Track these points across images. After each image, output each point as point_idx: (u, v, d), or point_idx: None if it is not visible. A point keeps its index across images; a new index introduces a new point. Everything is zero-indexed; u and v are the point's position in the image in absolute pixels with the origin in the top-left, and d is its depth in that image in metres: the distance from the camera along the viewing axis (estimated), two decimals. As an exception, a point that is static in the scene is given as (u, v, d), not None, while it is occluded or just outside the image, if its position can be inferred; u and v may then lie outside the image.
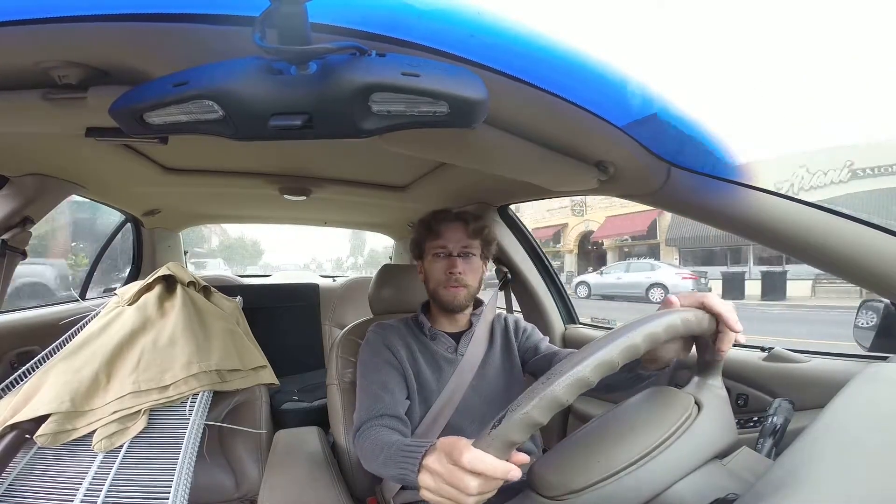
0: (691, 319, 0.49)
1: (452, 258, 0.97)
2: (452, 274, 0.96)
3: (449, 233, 0.99)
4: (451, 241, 0.98)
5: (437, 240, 0.99)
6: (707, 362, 0.55)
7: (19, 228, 1.10)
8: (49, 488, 0.85)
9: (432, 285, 1.00)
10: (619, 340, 0.44)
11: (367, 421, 0.86)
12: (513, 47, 0.53)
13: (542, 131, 0.71)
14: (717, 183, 0.75)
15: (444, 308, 1.00)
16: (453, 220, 1.01)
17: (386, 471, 0.71)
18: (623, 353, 0.44)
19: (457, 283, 0.97)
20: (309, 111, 0.45)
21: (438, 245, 0.98)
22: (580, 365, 0.43)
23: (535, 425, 0.43)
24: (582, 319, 1.57)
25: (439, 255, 0.98)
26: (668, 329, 0.47)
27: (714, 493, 0.44)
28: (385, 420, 0.85)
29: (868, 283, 0.71)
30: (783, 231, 0.73)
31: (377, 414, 0.86)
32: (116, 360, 1.08)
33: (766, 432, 0.57)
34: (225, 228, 9.54)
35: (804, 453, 0.40)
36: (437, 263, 0.98)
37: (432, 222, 1.01)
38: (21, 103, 0.60)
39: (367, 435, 0.82)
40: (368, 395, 0.91)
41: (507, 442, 0.45)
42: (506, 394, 0.97)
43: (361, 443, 0.83)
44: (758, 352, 0.98)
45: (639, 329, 0.46)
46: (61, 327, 1.22)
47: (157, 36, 0.48)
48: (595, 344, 0.46)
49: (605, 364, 0.43)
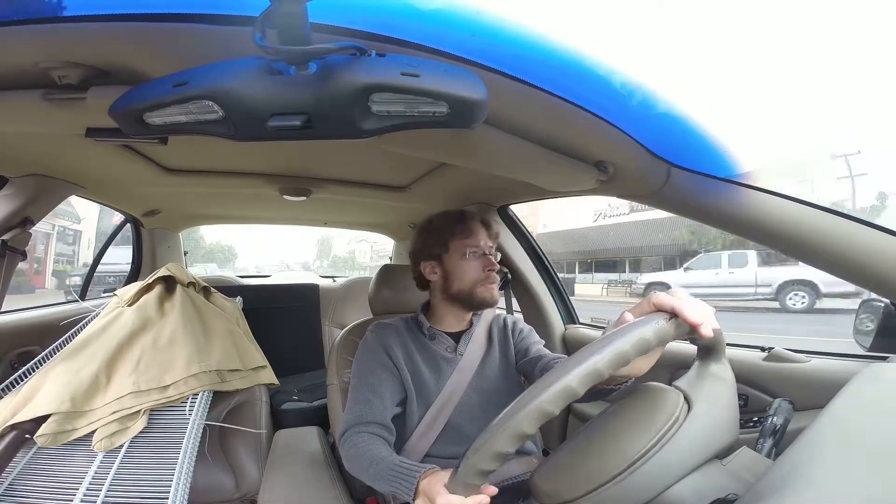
0: (664, 328, 0.46)
1: (488, 256, 0.99)
2: (492, 271, 0.98)
3: (479, 232, 1.00)
4: (482, 241, 1.00)
5: (468, 238, 0.99)
6: (705, 347, 0.54)
7: (19, 229, 1.10)
8: (49, 488, 0.85)
9: (465, 284, 0.99)
10: (580, 368, 0.43)
11: (354, 426, 0.88)
12: (513, 47, 0.53)
13: (541, 131, 0.71)
14: (717, 183, 0.75)
15: (479, 305, 1.00)
16: (478, 220, 1.02)
17: (377, 484, 0.77)
18: (584, 379, 0.43)
19: (493, 281, 0.99)
20: (308, 111, 0.45)
21: (472, 244, 0.99)
22: (544, 394, 0.43)
23: (501, 455, 0.45)
24: (582, 319, 1.57)
25: (473, 254, 0.99)
26: (638, 345, 0.44)
27: (714, 493, 0.44)
28: (372, 427, 0.88)
29: (868, 283, 0.71)
30: (783, 231, 0.73)
31: (364, 420, 0.89)
32: (116, 361, 1.08)
33: (766, 432, 0.56)
34: (203, 235, 9.77)
35: (804, 453, 0.40)
36: (473, 262, 0.99)
37: (462, 221, 1.01)
38: (21, 103, 0.60)
39: (354, 441, 0.86)
40: (358, 399, 0.92)
41: (477, 474, 0.47)
42: (505, 393, 0.97)
43: (347, 447, 0.86)
44: (758, 352, 0.98)
45: (603, 352, 0.43)
46: (61, 328, 1.22)
47: (157, 36, 0.48)
48: (558, 369, 0.44)
49: (567, 392, 0.43)
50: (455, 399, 0.93)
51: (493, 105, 0.47)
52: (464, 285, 0.99)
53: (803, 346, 0.95)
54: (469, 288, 0.99)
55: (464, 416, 0.93)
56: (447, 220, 1.02)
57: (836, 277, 0.74)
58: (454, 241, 1.00)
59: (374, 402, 0.90)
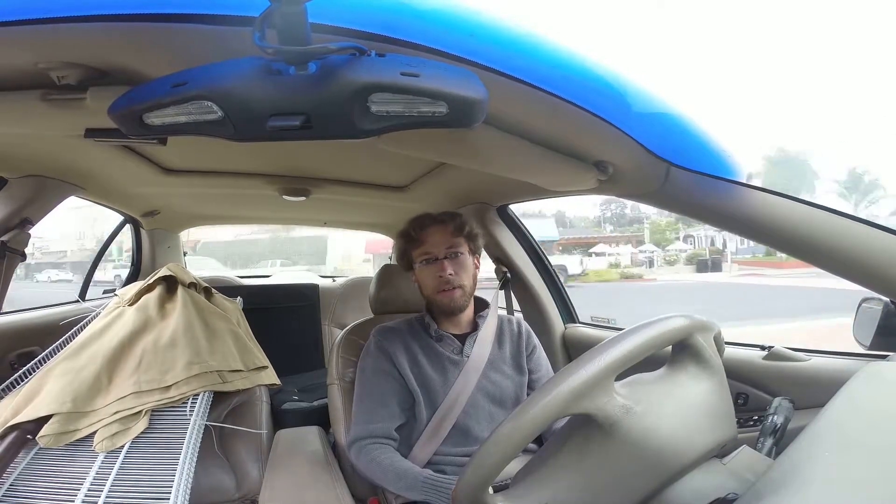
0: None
1: (440, 261, 0.96)
2: (443, 277, 0.95)
3: (431, 237, 0.97)
4: (435, 245, 0.97)
5: (420, 246, 0.98)
6: (679, 345, 0.54)
7: (18, 230, 1.10)
8: (50, 489, 0.85)
9: (427, 292, 0.99)
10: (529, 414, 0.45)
11: (363, 437, 0.90)
12: (513, 47, 0.53)
13: (541, 131, 0.71)
14: (717, 182, 0.75)
15: (443, 312, 1.00)
16: (432, 223, 0.99)
17: (410, 494, 0.81)
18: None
19: (450, 286, 0.95)
20: (308, 111, 0.45)
21: (423, 252, 0.97)
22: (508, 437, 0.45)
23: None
24: (582, 319, 1.57)
25: (427, 262, 0.97)
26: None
27: (714, 492, 0.44)
28: (381, 439, 0.90)
29: (868, 282, 0.71)
30: (783, 230, 0.73)
31: (372, 434, 0.90)
32: (118, 361, 1.08)
33: (767, 431, 0.57)
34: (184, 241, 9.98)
35: (804, 452, 0.40)
36: (427, 270, 0.97)
37: (412, 230, 1.00)
38: (20, 104, 0.60)
39: (369, 453, 0.89)
40: (364, 409, 0.93)
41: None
42: (513, 397, 0.97)
43: (364, 461, 0.89)
44: (758, 350, 0.98)
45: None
46: (62, 328, 1.22)
47: (156, 36, 0.48)
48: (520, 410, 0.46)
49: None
50: (462, 401, 0.93)
51: (492, 105, 0.47)
52: (426, 293, 1.00)
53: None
54: (429, 296, 0.99)
55: (471, 419, 0.93)
56: (403, 232, 1.02)
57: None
58: (412, 252, 1.00)
59: (381, 412, 0.91)
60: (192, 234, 2.81)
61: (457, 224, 0.99)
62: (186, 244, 2.42)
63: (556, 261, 8.48)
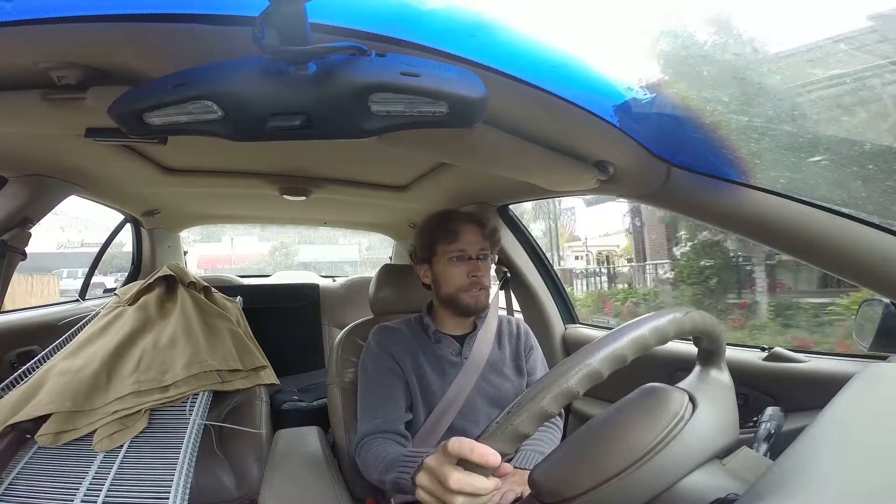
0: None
1: (474, 261, 0.95)
2: (476, 278, 0.94)
3: (467, 235, 0.96)
4: (470, 244, 0.96)
5: (454, 242, 0.96)
6: (707, 351, 0.53)
7: (19, 229, 1.10)
8: (49, 488, 0.85)
9: (450, 290, 0.97)
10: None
11: (369, 435, 0.87)
12: (513, 47, 0.53)
13: (541, 131, 0.71)
14: (717, 182, 0.75)
15: (464, 312, 0.98)
16: (468, 221, 0.98)
17: (386, 476, 0.74)
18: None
19: (480, 287, 0.95)
20: (308, 111, 0.45)
21: (457, 248, 0.95)
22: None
23: (545, 416, 0.43)
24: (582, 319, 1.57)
25: (458, 259, 0.95)
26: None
27: (714, 493, 0.44)
28: (387, 436, 0.87)
29: (868, 283, 0.71)
30: (783, 230, 0.73)
31: (379, 430, 0.88)
32: (117, 360, 1.08)
33: (761, 437, 0.57)
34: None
35: (804, 453, 0.40)
36: (457, 267, 0.95)
37: (448, 223, 0.97)
38: (20, 104, 0.60)
39: (369, 447, 0.85)
40: (369, 408, 0.91)
41: (512, 438, 0.45)
42: (511, 397, 0.96)
43: (363, 455, 0.85)
44: (758, 352, 0.98)
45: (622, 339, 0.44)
46: (61, 327, 1.22)
47: (156, 36, 0.48)
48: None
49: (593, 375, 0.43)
50: (459, 402, 0.92)
51: (493, 105, 0.47)
52: (449, 291, 0.97)
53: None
54: (452, 294, 0.97)
55: (468, 420, 0.92)
56: (435, 223, 0.99)
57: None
58: (440, 245, 0.97)
59: (388, 408, 0.90)
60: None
61: (489, 228, 1.00)
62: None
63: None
